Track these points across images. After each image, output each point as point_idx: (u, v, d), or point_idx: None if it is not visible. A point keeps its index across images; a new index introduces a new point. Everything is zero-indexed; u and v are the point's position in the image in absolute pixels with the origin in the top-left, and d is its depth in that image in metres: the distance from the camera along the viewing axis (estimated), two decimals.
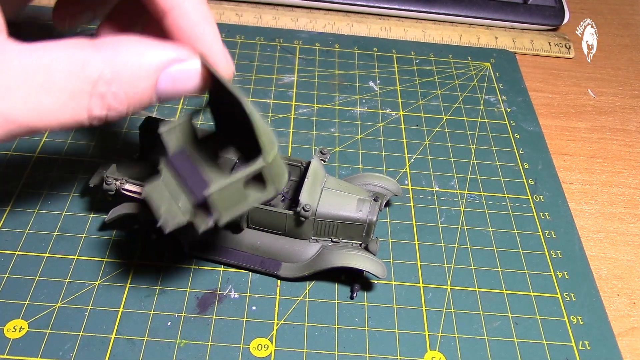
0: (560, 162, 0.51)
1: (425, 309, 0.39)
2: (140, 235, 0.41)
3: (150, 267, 0.39)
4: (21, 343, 0.34)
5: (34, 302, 0.36)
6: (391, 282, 0.40)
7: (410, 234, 0.43)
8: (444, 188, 0.47)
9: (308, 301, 0.38)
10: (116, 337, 0.35)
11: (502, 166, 0.49)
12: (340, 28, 0.63)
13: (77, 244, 0.40)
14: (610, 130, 0.55)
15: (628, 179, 0.51)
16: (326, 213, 0.37)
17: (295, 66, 0.57)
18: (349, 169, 0.47)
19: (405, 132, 0.52)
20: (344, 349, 0.36)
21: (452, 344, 0.37)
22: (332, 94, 0.55)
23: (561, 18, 0.64)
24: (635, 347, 0.38)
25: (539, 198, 0.47)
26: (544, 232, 0.45)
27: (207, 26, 0.29)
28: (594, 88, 0.60)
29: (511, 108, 0.56)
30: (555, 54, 0.63)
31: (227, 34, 0.60)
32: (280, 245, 0.39)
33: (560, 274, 0.42)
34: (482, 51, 0.62)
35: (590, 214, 0.47)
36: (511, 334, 0.38)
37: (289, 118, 0.52)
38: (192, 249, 0.39)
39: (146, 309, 0.37)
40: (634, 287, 0.42)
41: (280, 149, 0.48)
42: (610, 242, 0.45)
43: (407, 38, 0.63)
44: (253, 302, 0.38)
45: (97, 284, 0.38)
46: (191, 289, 0.38)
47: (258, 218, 0.38)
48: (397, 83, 0.57)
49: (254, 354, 0.35)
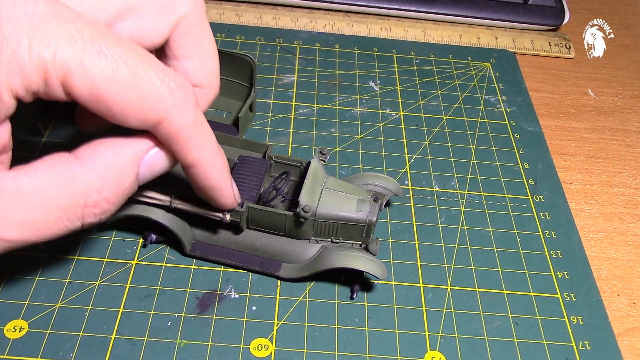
0: (560, 162, 0.51)
1: (425, 309, 0.39)
2: (140, 236, 0.41)
3: (150, 267, 0.39)
4: (21, 343, 0.34)
5: (34, 302, 0.36)
6: (391, 282, 0.40)
7: (410, 234, 0.43)
8: (444, 188, 0.47)
9: (308, 301, 0.38)
10: (116, 337, 0.35)
11: (502, 166, 0.49)
12: (341, 28, 0.63)
13: (77, 244, 0.40)
14: (611, 130, 0.55)
15: (628, 179, 0.51)
16: (326, 213, 0.37)
17: (296, 66, 0.57)
18: (349, 169, 0.47)
19: (405, 132, 0.52)
20: (344, 349, 0.36)
21: (452, 344, 0.37)
22: (332, 94, 0.55)
23: (561, 18, 0.64)
24: (635, 347, 0.38)
25: (539, 198, 0.47)
26: (544, 232, 0.45)
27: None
28: (594, 88, 0.60)
29: (511, 108, 0.56)
30: (555, 54, 0.63)
31: (227, 34, 0.60)
32: (280, 246, 0.39)
33: (560, 274, 0.42)
34: (482, 51, 0.62)
35: (590, 214, 0.47)
36: (511, 334, 0.38)
37: (289, 118, 0.52)
38: (192, 249, 0.39)
39: (146, 309, 0.37)
40: (634, 287, 0.42)
41: (281, 149, 0.48)
42: (610, 242, 0.45)
43: (407, 38, 0.63)
44: (253, 302, 0.38)
45: (97, 284, 0.38)
46: (191, 289, 0.38)
47: (258, 219, 0.38)
48: (397, 83, 0.57)
49: (254, 354, 0.35)
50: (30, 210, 0.26)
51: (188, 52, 0.34)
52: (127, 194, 0.29)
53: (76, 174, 0.27)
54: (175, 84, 0.27)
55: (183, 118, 0.28)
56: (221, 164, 0.32)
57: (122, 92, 0.26)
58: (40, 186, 0.26)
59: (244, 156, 0.41)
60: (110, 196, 0.28)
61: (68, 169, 0.27)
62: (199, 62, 0.34)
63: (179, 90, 0.28)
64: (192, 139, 0.29)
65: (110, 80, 0.25)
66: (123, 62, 0.26)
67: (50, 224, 0.27)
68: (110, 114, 0.27)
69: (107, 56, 0.25)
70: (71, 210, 0.27)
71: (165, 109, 0.27)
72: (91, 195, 0.27)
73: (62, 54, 0.24)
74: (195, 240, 0.39)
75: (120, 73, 0.26)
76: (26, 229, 0.26)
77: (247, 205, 0.37)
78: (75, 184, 0.27)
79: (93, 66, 0.25)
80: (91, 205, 0.27)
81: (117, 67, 0.25)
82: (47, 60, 0.24)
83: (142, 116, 0.27)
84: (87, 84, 0.25)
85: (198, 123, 0.29)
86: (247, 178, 0.40)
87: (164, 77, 0.27)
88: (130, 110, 0.27)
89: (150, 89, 0.27)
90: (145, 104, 0.27)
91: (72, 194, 0.27)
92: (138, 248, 0.40)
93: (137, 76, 0.26)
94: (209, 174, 0.31)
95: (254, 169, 0.40)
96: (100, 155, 0.28)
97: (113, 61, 0.25)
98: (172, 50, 0.33)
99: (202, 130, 0.30)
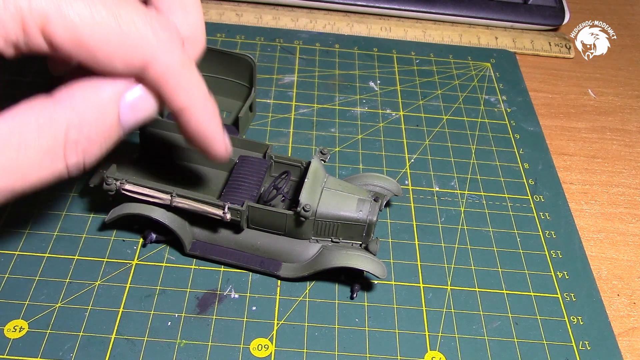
0: (560, 162, 0.51)
1: (425, 309, 0.39)
2: (140, 235, 0.41)
3: (150, 267, 0.39)
4: (21, 343, 0.34)
5: (34, 302, 0.36)
6: (391, 282, 0.40)
7: (410, 234, 0.43)
8: (444, 188, 0.47)
9: (308, 301, 0.38)
10: (116, 337, 0.35)
11: (502, 166, 0.49)
12: (341, 28, 0.63)
13: (77, 244, 0.40)
14: (611, 130, 0.55)
15: (628, 179, 0.51)
16: (326, 213, 0.37)
17: (296, 66, 0.57)
18: (349, 169, 0.47)
19: (405, 132, 0.52)
20: (344, 349, 0.36)
21: (452, 344, 0.37)
22: (332, 94, 0.55)
23: (561, 18, 0.64)
24: (635, 347, 0.38)
25: (539, 198, 0.47)
26: (544, 232, 0.45)
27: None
28: (594, 88, 0.60)
29: (511, 108, 0.56)
30: (555, 54, 0.63)
31: (227, 34, 0.60)
32: (281, 246, 0.39)
33: (560, 274, 0.42)
34: (482, 51, 0.62)
35: (590, 214, 0.47)
36: (511, 334, 0.38)
37: (289, 118, 0.52)
38: (192, 249, 0.39)
39: (146, 309, 0.37)
40: (634, 287, 0.42)
41: (281, 149, 0.48)
42: (610, 242, 0.45)
43: (407, 38, 0.63)
44: (253, 302, 0.38)
45: (97, 284, 0.38)
46: (191, 289, 0.38)
47: (258, 218, 0.38)
48: (397, 83, 0.57)
49: (254, 354, 0.35)
50: (10, 153, 0.25)
51: (170, 4, 0.33)
52: (110, 135, 0.28)
53: (53, 113, 0.26)
54: (158, 24, 0.27)
55: (170, 58, 0.28)
56: (212, 109, 0.31)
57: (104, 35, 0.26)
58: (18, 128, 0.25)
59: (244, 156, 0.41)
60: (91, 134, 0.27)
61: (45, 108, 0.26)
62: (183, 14, 0.33)
63: (162, 30, 0.27)
64: (180, 81, 0.28)
65: (90, 25, 0.25)
66: (101, 3, 0.25)
67: (34, 166, 0.26)
68: (95, 60, 0.26)
69: (85, 0, 0.25)
70: (52, 149, 0.26)
71: (151, 50, 0.27)
72: (71, 132, 0.27)
73: (38, 0, 0.24)
74: (195, 240, 0.39)
75: (100, 15, 0.25)
76: (10, 174, 0.26)
77: (248, 205, 0.37)
78: (53, 122, 0.26)
79: (71, 10, 0.25)
80: (72, 142, 0.27)
81: (96, 10, 0.25)
82: (23, 8, 0.24)
83: (127, 59, 0.27)
84: (68, 30, 0.25)
85: (186, 64, 0.29)
86: (248, 178, 0.40)
87: (146, 17, 0.27)
88: (115, 54, 0.26)
89: (132, 30, 0.26)
90: (130, 46, 0.26)
91: (51, 132, 0.26)
92: (138, 248, 0.40)
93: (118, 18, 0.26)
94: (199, 118, 0.31)
95: (254, 169, 0.40)
96: (78, 93, 0.27)
97: (91, 4, 0.25)
98: (154, 3, 0.33)
99: (190, 72, 0.29)
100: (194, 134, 0.32)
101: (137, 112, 0.29)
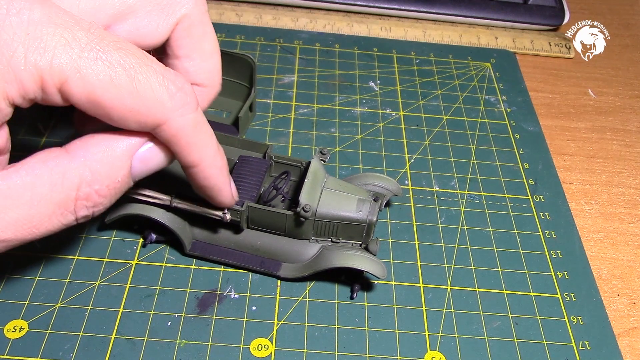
0: (560, 162, 0.51)
1: (425, 309, 0.39)
2: (140, 236, 0.41)
3: (150, 267, 0.39)
4: (21, 343, 0.34)
5: (34, 302, 0.36)
6: (391, 282, 0.40)
7: (410, 234, 0.43)
8: (444, 188, 0.47)
9: (308, 301, 0.38)
10: (116, 337, 0.35)
11: (502, 166, 0.49)
12: (341, 28, 0.63)
13: (77, 244, 0.40)
14: (610, 130, 0.55)
15: (628, 179, 0.51)
16: (326, 213, 0.37)
17: (296, 66, 0.57)
18: (349, 169, 0.47)
19: (405, 132, 0.52)
20: (344, 349, 0.36)
21: (452, 344, 0.37)
22: (332, 94, 0.55)
23: (561, 18, 0.64)
24: (635, 347, 0.38)
25: (539, 198, 0.47)
26: (544, 232, 0.45)
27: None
28: (594, 88, 0.60)
29: (511, 108, 0.56)
30: (555, 54, 0.63)
31: (227, 34, 0.60)
32: (280, 246, 0.39)
33: (560, 274, 0.42)
34: (482, 51, 0.62)
35: (590, 214, 0.47)
36: (511, 334, 0.38)
37: (289, 118, 0.52)
38: (192, 249, 0.39)
39: (146, 309, 0.37)
40: (634, 287, 0.42)
41: (280, 149, 0.48)
42: (610, 242, 0.45)
43: (407, 38, 0.63)
44: (253, 302, 0.38)
45: (97, 284, 0.38)
46: (191, 289, 0.38)
47: (258, 218, 0.38)
48: (397, 83, 0.57)
49: (254, 354, 0.35)
50: (23, 207, 0.26)
51: (189, 51, 0.34)
52: (121, 188, 0.29)
53: (67, 167, 0.27)
54: (174, 86, 0.27)
55: (183, 120, 0.28)
56: (220, 164, 0.32)
57: (121, 97, 0.26)
58: (31, 183, 0.26)
59: (244, 156, 0.41)
60: (102, 189, 0.28)
61: (59, 163, 0.27)
62: (200, 61, 0.34)
63: (178, 92, 0.27)
64: (192, 141, 0.29)
65: (108, 86, 0.25)
66: (121, 67, 0.26)
67: (45, 219, 0.27)
68: (109, 118, 0.27)
69: (105, 62, 0.25)
70: (64, 204, 0.27)
71: (165, 112, 0.27)
72: (83, 188, 0.27)
73: (58, 61, 0.24)
74: (195, 240, 0.39)
75: (118, 78, 0.26)
76: (21, 227, 0.26)
77: (247, 205, 0.37)
78: (66, 177, 0.27)
79: (90, 72, 0.25)
80: (83, 198, 0.27)
81: (115, 73, 0.25)
82: (44, 69, 0.24)
83: (141, 120, 0.27)
84: (85, 91, 0.25)
85: (198, 124, 0.29)
86: (247, 178, 0.40)
87: (163, 80, 0.27)
88: (129, 115, 0.27)
89: (149, 93, 0.26)
90: (144, 108, 0.27)
91: (63, 187, 0.27)
92: (138, 248, 0.40)
93: (136, 80, 0.26)
94: (208, 174, 0.31)
95: (254, 169, 0.40)
96: (92, 148, 0.27)
97: (110, 66, 0.25)
98: (173, 50, 0.33)
99: (202, 131, 0.29)
100: (201, 186, 0.32)
101: (148, 165, 0.30)
